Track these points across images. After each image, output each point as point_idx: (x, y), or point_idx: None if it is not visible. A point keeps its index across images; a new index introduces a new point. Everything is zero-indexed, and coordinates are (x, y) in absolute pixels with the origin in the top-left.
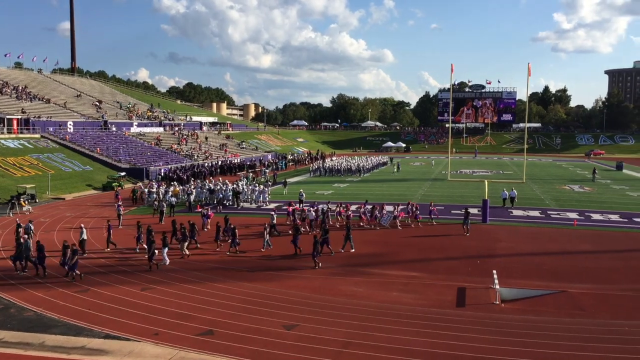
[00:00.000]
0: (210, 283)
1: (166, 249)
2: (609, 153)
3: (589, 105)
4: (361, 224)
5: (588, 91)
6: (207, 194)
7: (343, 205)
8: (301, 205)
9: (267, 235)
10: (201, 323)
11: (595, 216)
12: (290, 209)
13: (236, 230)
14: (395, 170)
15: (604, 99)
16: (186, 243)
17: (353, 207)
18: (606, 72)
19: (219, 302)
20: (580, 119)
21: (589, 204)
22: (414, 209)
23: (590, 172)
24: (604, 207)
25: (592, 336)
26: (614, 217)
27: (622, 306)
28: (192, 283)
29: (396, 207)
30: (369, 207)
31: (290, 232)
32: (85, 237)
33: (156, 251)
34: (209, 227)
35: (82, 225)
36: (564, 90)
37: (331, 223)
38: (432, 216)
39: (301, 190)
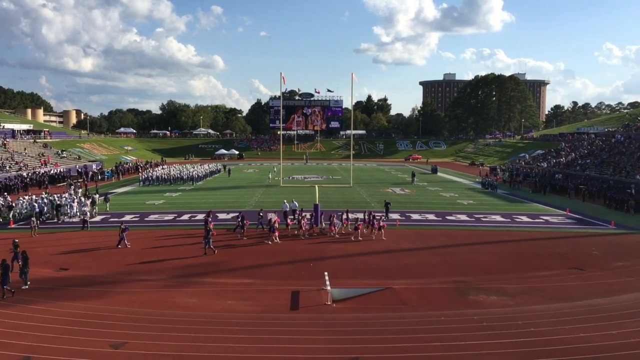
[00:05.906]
0: (26, 305)
1: None
2: (425, 157)
3: (407, 113)
4: (296, 231)
5: (406, 100)
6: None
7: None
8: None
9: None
10: (15, 350)
11: (415, 216)
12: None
13: None
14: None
15: (419, 108)
16: None
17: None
18: (421, 83)
19: (36, 325)
20: (400, 126)
21: (409, 205)
22: (371, 217)
23: (410, 176)
24: (422, 207)
25: (413, 327)
26: (431, 217)
27: (439, 298)
28: (3, 307)
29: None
30: (308, 215)
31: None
32: None
33: None
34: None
35: None
36: (385, 100)
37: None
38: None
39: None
